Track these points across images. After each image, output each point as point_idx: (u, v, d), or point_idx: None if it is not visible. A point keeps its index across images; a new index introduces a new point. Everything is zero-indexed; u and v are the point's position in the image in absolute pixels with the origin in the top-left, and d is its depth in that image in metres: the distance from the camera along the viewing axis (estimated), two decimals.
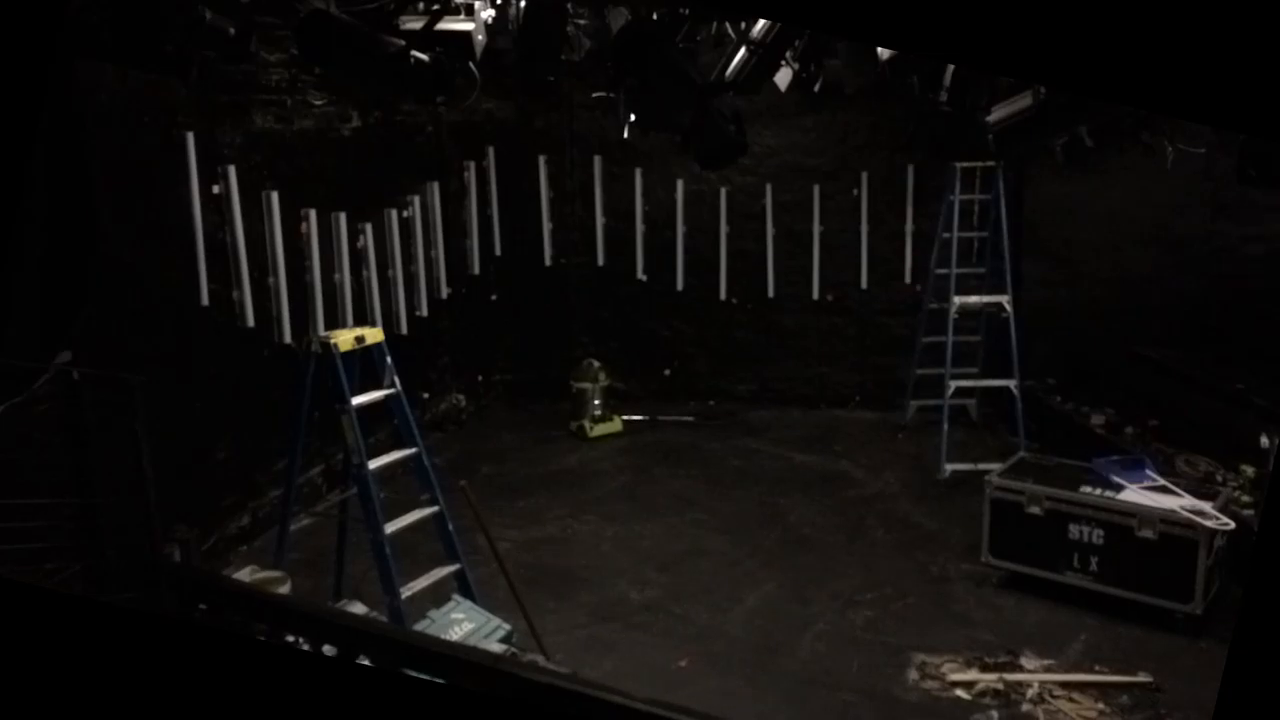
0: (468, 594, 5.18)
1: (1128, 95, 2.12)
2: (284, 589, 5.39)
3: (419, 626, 4.83)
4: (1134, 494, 5.54)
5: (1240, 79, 1.99)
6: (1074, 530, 5.57)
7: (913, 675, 5.05)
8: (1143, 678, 4.92)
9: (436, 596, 5.36)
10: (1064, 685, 4.91)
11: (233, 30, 4.28)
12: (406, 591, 5.01)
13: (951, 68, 5.69)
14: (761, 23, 5.24)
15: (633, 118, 5.72)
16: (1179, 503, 5.41)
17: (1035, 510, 5.69)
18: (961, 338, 7.79)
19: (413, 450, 5.31)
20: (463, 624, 4.86)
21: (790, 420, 8.94)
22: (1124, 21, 1.99)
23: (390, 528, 5.06)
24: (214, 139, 6.15)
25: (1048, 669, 5.05)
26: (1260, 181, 5.41)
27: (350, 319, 7.37)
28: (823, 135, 8.85)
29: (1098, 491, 5.61)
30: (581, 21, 5.63)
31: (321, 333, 5.43)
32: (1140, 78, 2.03)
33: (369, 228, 7.56)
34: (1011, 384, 7.43)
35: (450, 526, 5.31)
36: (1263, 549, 2.49)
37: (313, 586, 5.74)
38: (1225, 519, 5.26)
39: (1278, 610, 2.04)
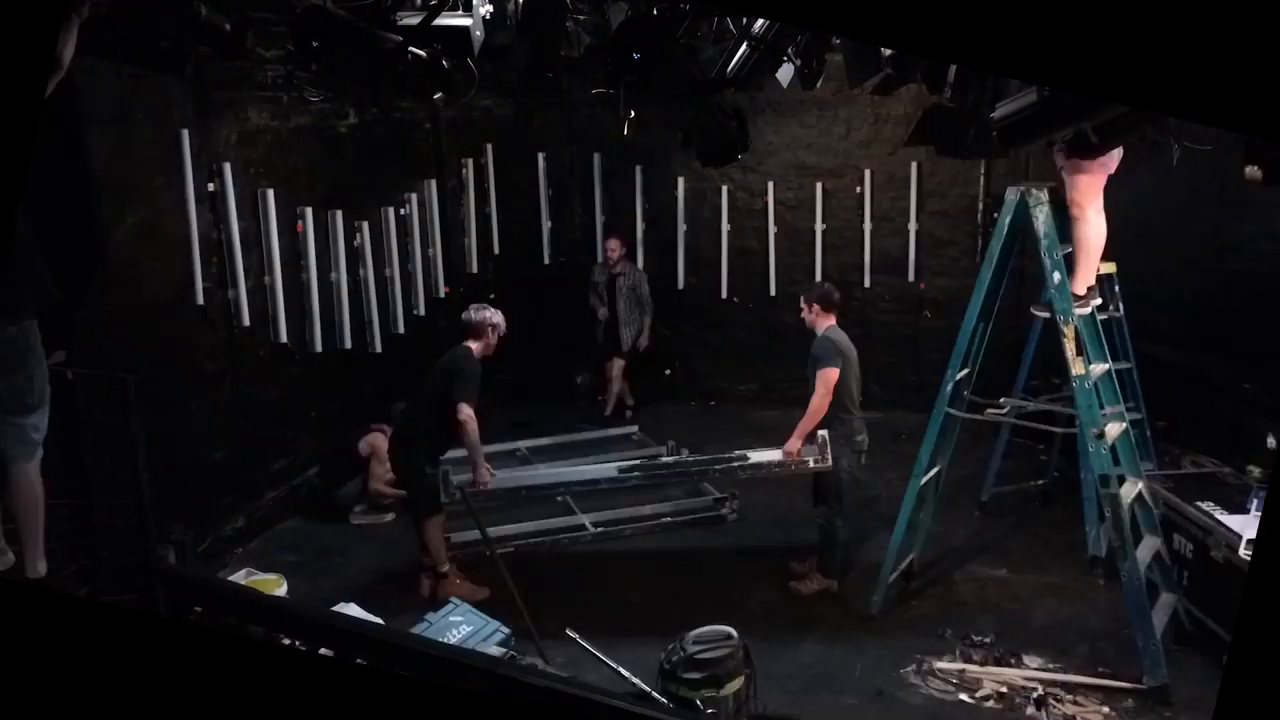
0: None
1: (1128, 95, 2.10)
2: (280, 591, 5.37)
3: (416, 629, 4.80)
4: None
5: (1240, 79, 1.96)
6: None
7: (913, 676, 5.01)
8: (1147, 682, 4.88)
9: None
10: (1068, 688, 4.87)
11: (228, 26, 4.25)
12: None
13: None
14: None
15: (633, 114, 5.68)
16: None
17: None
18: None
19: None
20: (461, 627, 4.83)
21: (792, 420, 8.81)
22: (1124, 21, 1.97)
23: None
24: (209, 136, 6.11)
25: (1051, 671, 5.01)
26: (1265, 179, 5.36)
27: (348, 318, 7.33)
28: (825, 132, 8.80)
29: None
30: (581, 17, 5.58)
31: None
32: (1141, 78, 2.01)
33: (366, 226, 7.51)
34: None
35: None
36: (1263, 549, 2.46)
37: (309, 588, 5.71)
38: None
39: (1278, 610, 2.02)
